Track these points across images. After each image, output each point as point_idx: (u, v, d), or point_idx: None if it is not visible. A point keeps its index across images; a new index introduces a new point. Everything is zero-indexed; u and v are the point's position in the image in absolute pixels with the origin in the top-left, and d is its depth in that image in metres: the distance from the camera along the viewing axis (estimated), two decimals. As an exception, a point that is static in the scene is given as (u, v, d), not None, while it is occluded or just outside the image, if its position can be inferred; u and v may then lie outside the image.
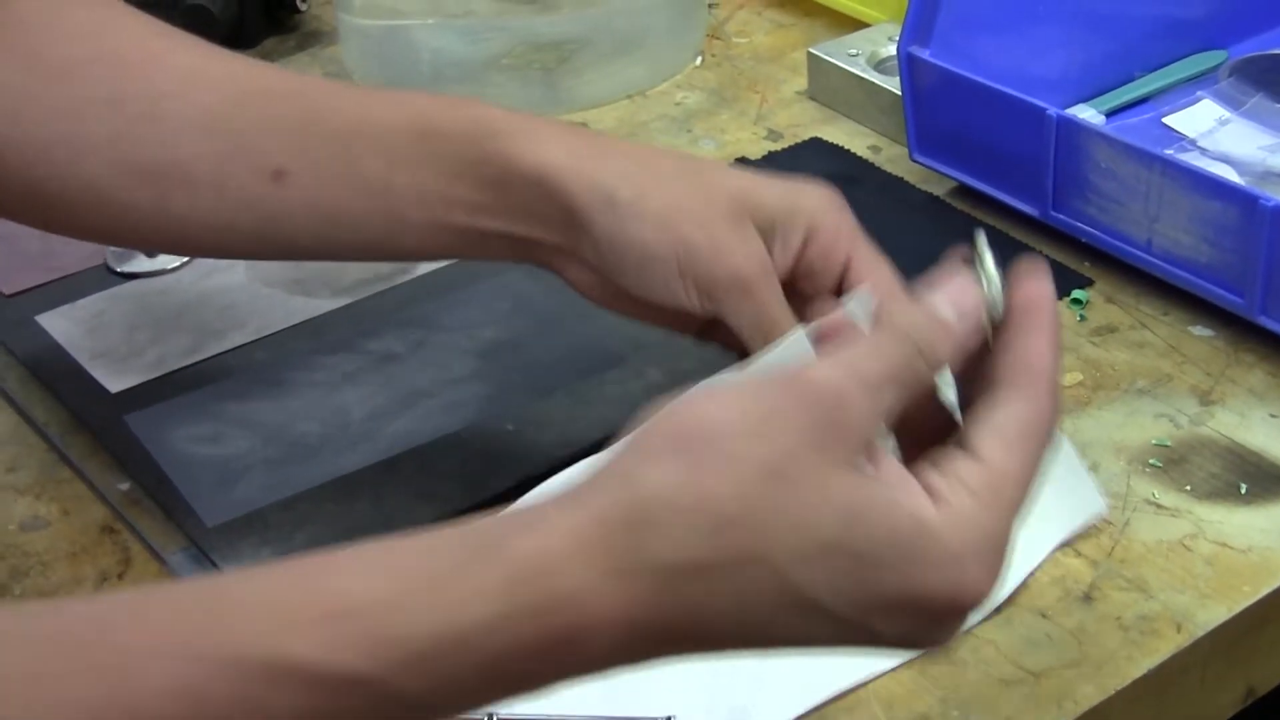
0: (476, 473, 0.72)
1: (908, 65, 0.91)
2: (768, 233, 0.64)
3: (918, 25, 0.90)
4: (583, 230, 0.64)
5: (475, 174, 0.66)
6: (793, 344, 0.52)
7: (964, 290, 0.52)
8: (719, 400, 0.48)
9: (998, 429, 0.50)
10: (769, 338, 0.60)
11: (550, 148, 0.65)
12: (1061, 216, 0.86)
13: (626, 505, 0.46)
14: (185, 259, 0.88)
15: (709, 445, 0.46)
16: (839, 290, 0.64)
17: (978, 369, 0.53)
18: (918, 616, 0.47)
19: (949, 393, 0.55)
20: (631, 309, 0.66)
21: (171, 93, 0.69)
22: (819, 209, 0.64)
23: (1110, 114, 0.97)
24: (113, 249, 0.88)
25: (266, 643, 0.44)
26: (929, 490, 0.48)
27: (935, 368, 0.50)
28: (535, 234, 0.66)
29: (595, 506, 0.46)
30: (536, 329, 0.81)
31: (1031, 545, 0.67)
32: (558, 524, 0.46)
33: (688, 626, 0.46)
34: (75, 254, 0.88)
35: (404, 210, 0.67)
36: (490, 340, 0.80)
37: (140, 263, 0.88)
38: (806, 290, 0.64)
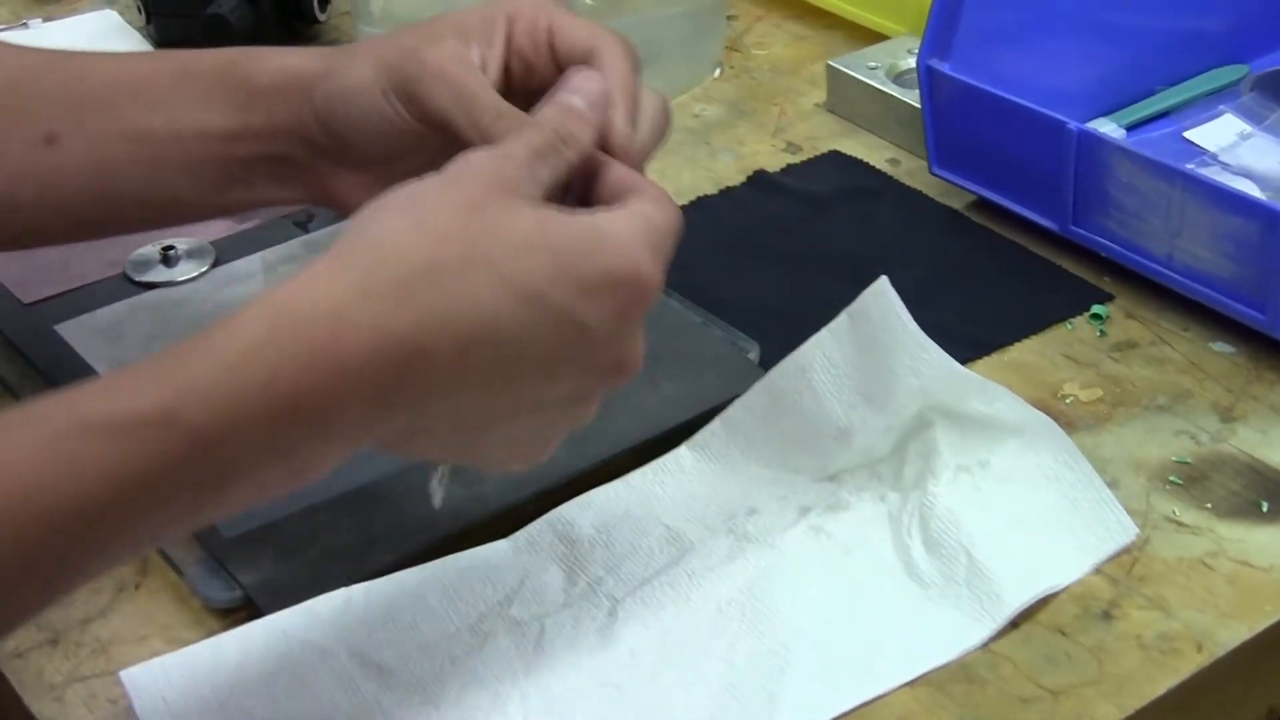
0: (492, 486, 0.72)
1: (927, 78, 0.91)
2: (469, 39, 0.66)
3: (937, 38, 0.90)
4: (311, 109, 0.67)
5: (225, 100, 0.69)
6: None
7: (589, 80, 0.62)
8: (417, 183, 0.56)
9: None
10: (477, 116, 0.63)
11: (289, 56, 0.69)
12: (1081, 231, 0.86)
13: (364, 244, 0.54)
14: (203, 268, 0.88)
15: (417, 200, 0.56)
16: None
17: None
18: (612, 298, 0.56)
19: None
20: (376, 178, 0.67)
21: None
22: (514, 7, 0.67)
23: (1130, 128, 0.97)
24: (131, 259, 0.88)
25: (69, 410, 0.51)
26: None
27: (577, 147, 0.60)
28: (288, 148, 0.69)
29: (337, 251, 0.54)
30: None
31: (1059, 569, 0.67)
32: (310, 269, 0.54)
33: (432, 333, 0.53)
34: (94, 263, 0.88)
35: (164, 152, 0.70)
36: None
37: (159, 272, 0.88)
38: (538, 90, 0.65)
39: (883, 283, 0.71)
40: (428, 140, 0.65)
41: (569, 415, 0.60)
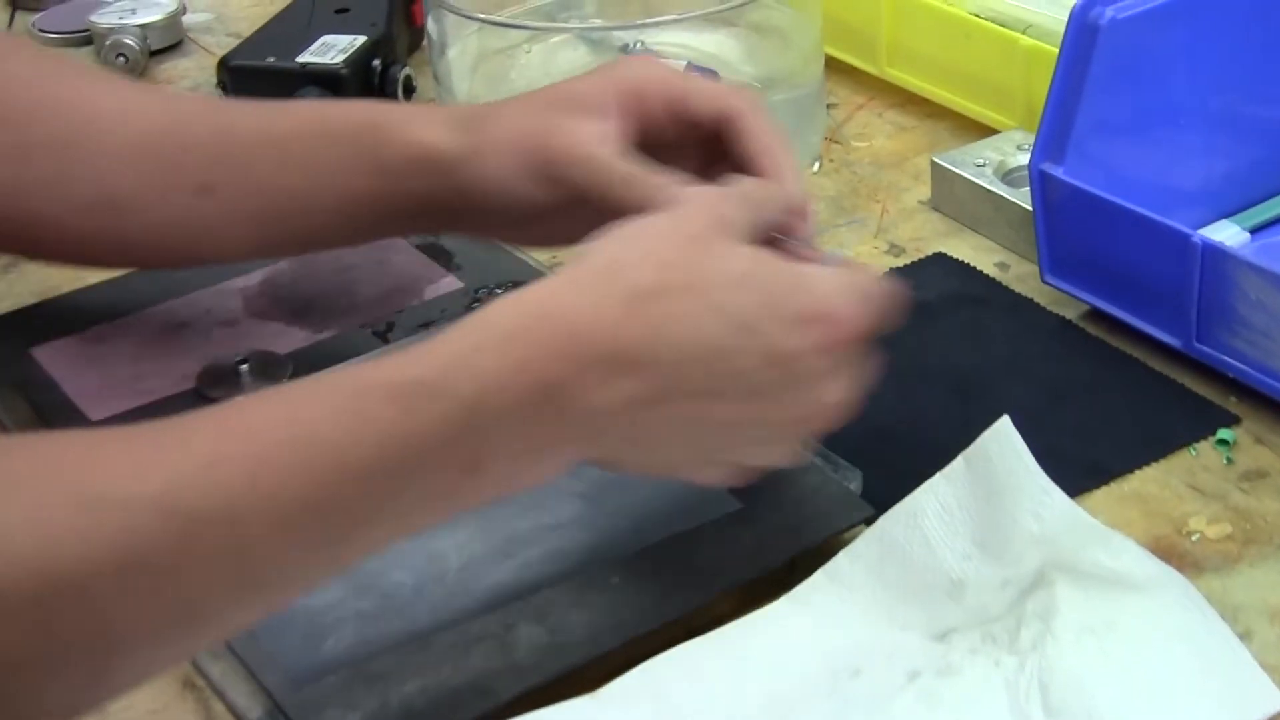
0: (576, 634, 0.68)
1: (1040, 183, 0.86)
2: (606, 114, 0.72)
3: (1051, 140, 0.85)
4: (451, 187, 0.74)
5: (364, 167, 0.76)
6: None
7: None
8: (644, 217, 0.63)
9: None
10: (637, 192, 0.69)
11: (426, 129, 0.75)
12: (1206, 349, 0.81)
13: (596, 267, 0.61)
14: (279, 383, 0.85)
15: (644, 230, 0.63)
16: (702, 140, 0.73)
17: None
18: (814, 332, 0.61)
19: None
20: (512, 234, 0.80)
21: (106, 130, 0.77)
22: (641, 77, 0.73)
23: (1255, 230, 0.91)
24: (203, 371, 0.85)
25: (354, 376, 0.57)
26: None
27: (781, 203, 0.68)
28: (428, 210, 0.76)
29: (571, 271, 0.61)
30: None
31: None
32: (545, 283, 0.61)
33: (654, 346, 0.59)
34: (166, 377, 0.85)
35: (311, 206, 0.77)
36: (596, 480, 0.76)
37: (233, 389, 0.84)
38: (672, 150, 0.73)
39: (1005, 423, 0.66)
40: (572, 207, 0.72)
41: (766, 449, 0.65)
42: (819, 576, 0.67)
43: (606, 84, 0.73)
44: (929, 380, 0.84)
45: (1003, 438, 0.66)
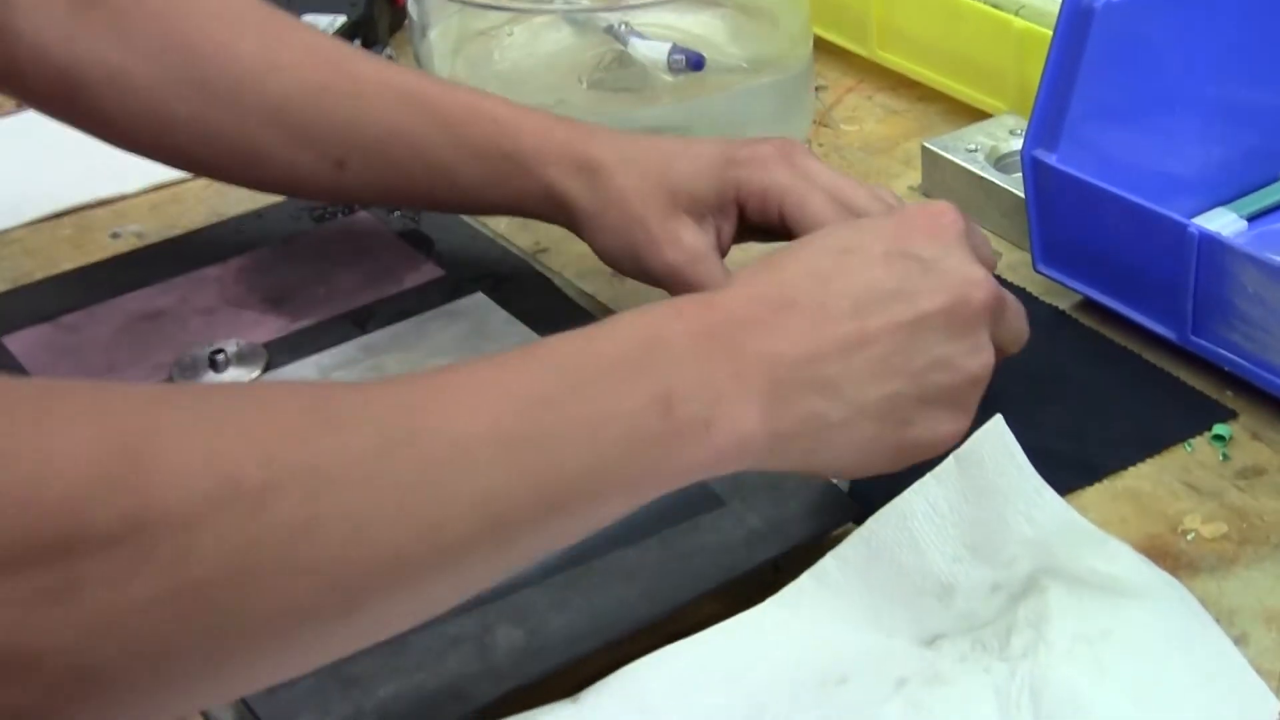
0: (555, 636, 0.66)
1: (1032, 170, 0.84)
2: (704, 215, 0.79)
3: (1044, 126, 0.83)
4: (571, 221, 0.82)
5: (497, 187, 0.81)
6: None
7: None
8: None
9: None
10: (696, 287, 0.76)
11: (563, 174, 0.80)
12: (1202, 342, 0.79)
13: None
14: (254, 373, 0.83)
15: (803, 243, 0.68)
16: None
17: None
18: (950, 293, 0.65)
19: None
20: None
21: (245, 82, 0.81)
22: (751, 183, 0.78)
23: (1252, 218, 0.90)
24: (178, 362, 0.83)
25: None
26: None
27: None
28: (542, 218, 0.83)
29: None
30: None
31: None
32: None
33: (825, 291, 0.63)
34: (140, 366, 0.84)
35: (440, 197, 0.83)
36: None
37: (207, 377, 0.82)
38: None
39: (997, 422, 0.65)
40: None
41: (938, 415, 0.65)
42: (805, 579, 0.65)
43: (736, 186, 0.78)
44: (918, 372, 0.82)
45: (995, 437, 0.65)
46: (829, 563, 0.65)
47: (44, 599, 0.43)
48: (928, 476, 0.65)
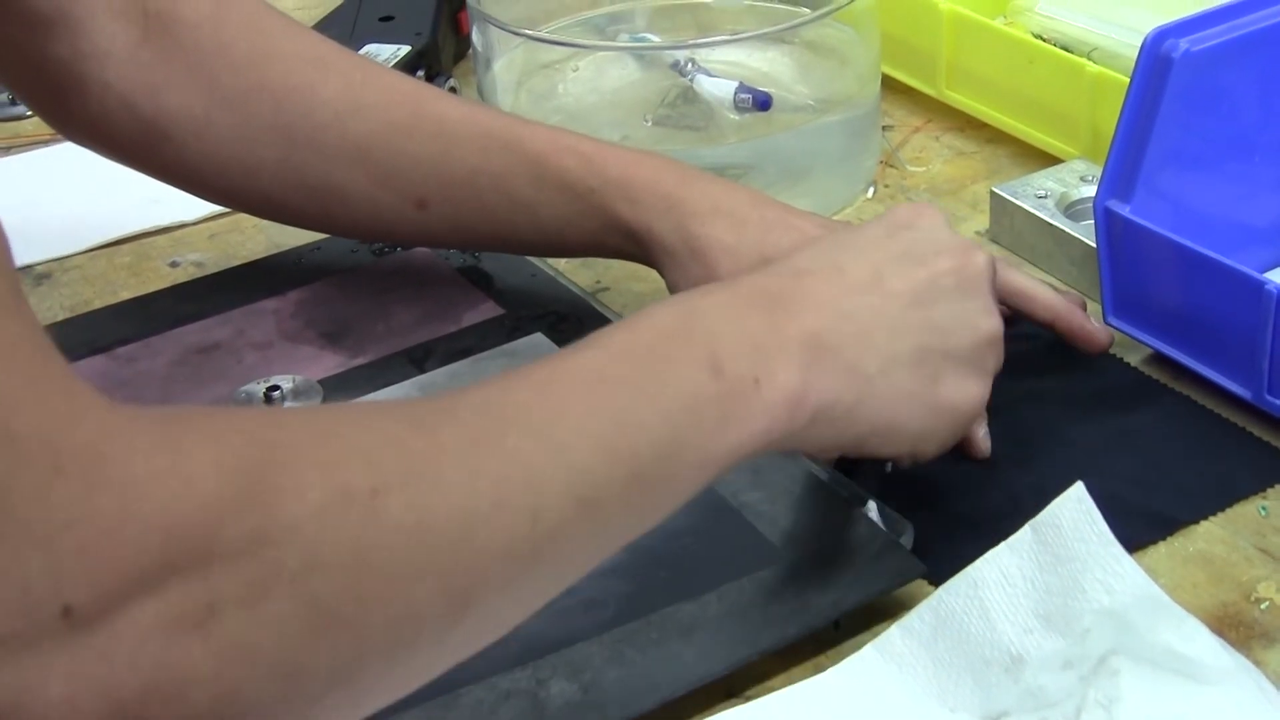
0: (610, 692, 0.65)
1: (1105, 221, 0.82)
2: None
3: (1118, 177, 0.82)
4: (655, 263, 0.81)
5: (581, 222, 0.81)
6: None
7: None
8: None
9: None
10: None
11: (641, 210, 0.80)
12: (1278, 402, 0.77)
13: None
14: (311, 411, 0.82)
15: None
16: None
17: None
18: (953, 256, 0.70)
19: None
20: None
21: (327, 124, 0.82)
22: None
23: (1332, 272, 0.88)
24: (235, 397, 0.83)
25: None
26: None
27: None
28: (633, 255, 0.82)
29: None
30: (686, 515, 0.73)
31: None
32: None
33: (809, 261, 0.67)
34: (196, 401, 0.83)
35: (521, 236, 0.83)
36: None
37: (263, 415, 0.82)
38: None
39: (1078, 489, 0.63)
40: None
41: (964, 380, 0.69)
42: (869, 651, 0.64)
43: None
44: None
45: (1075, 503, 0.63)
46: (894, 634, 0.64)
47: (184, 625, 0.43)
48: (1001, 545, 0.63)
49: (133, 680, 0.42)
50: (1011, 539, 0.63)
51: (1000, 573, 0.63)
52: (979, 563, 0.63)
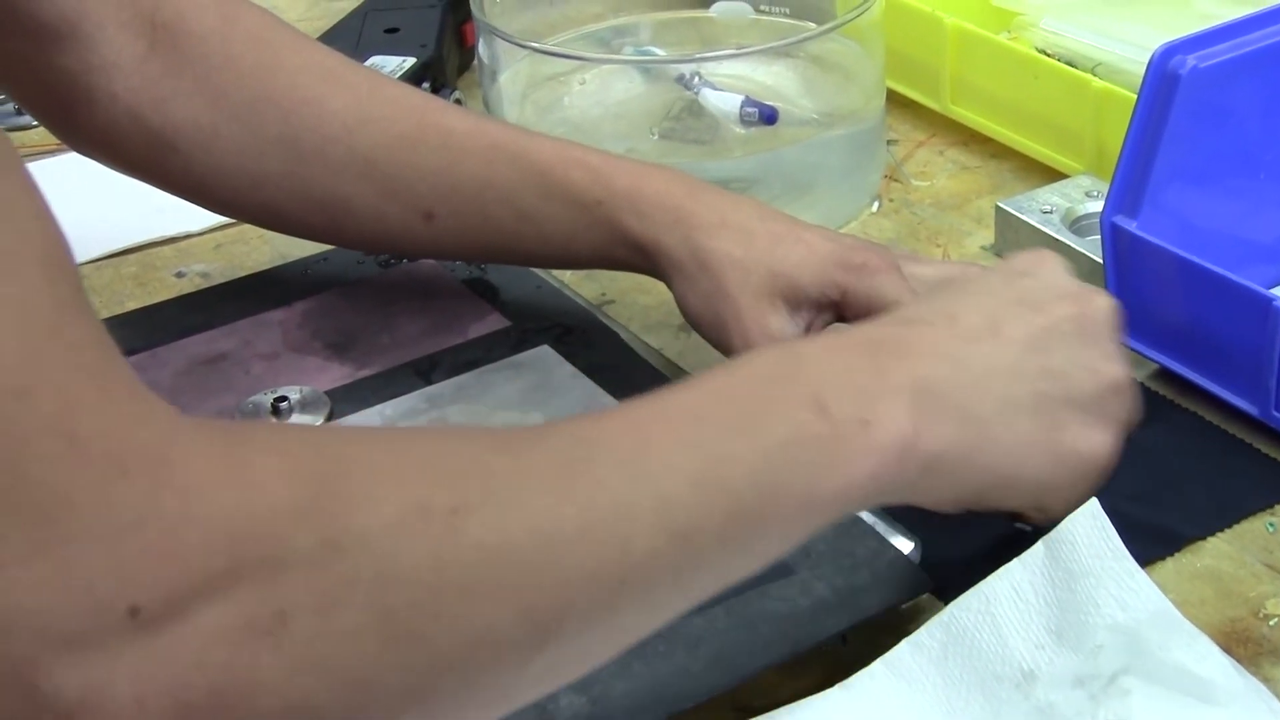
0: (618, 704, 0.65)
1: (1111, 237, 0.83)
2: (799, 306, 0.77)
3: (1125, 193, 0.82)
4: (663, 275, 0.80)
5: (587, 235, 0.80)
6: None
7: None
8: None
9: None
10: None
11: (648, 223, 0.79)
12: (1285, 418, 0.77)
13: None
14: (317, 421, 0.82)
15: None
16: None
17: None
18: (1073, 302, 0.68)
19: None
20: None
21: (335, 137, 0.82)
22: (855, 287, 0.76)
23: (1340, 288, 0.88)
24: (241, 408, 0.83)
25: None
26: None
27: None
28: (640, 268, 0.81)
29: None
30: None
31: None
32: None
33: (922, 313, 0.66)
34: (203, 412, 0.83)
35: (528, 247, 0.83)
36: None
37: (269, 426, 0.82)
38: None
39: (1093, 505, 0.63)
40: None
41: (1089, 428, 0.66)
42: (877, 666, 0.63)
43: (842, 290, 0.76)
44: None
45: (1089, 518, 0.63)
46: (903, 649, 0.63)
47: (254, 631, 0.43)
48: (1014, 561, 0.63)
49: (200, 682, 0.42)
50: (1024, 554, 0.63)
51: (1013, 588, 0.63)
52: (991, 578, 0.63)
